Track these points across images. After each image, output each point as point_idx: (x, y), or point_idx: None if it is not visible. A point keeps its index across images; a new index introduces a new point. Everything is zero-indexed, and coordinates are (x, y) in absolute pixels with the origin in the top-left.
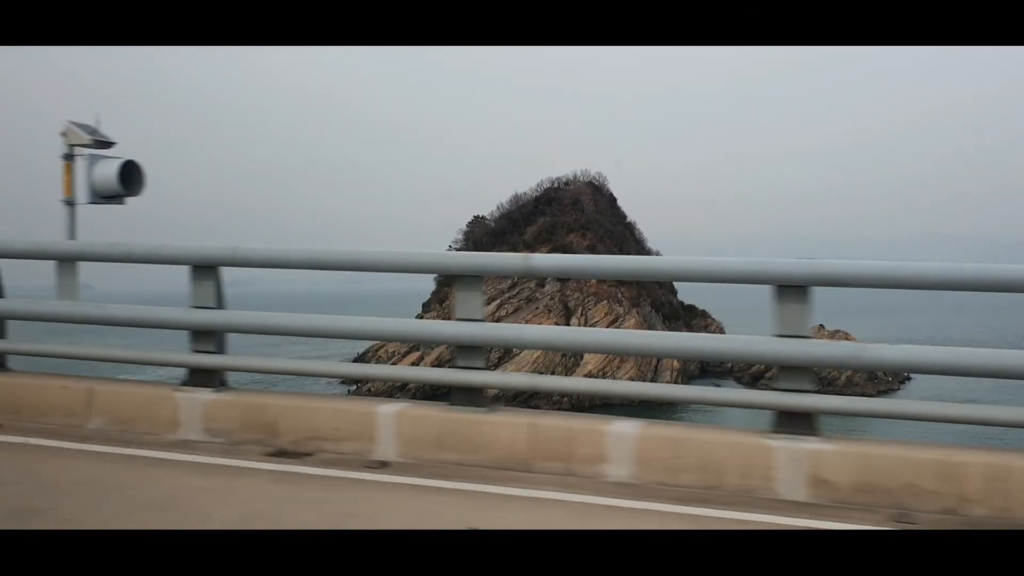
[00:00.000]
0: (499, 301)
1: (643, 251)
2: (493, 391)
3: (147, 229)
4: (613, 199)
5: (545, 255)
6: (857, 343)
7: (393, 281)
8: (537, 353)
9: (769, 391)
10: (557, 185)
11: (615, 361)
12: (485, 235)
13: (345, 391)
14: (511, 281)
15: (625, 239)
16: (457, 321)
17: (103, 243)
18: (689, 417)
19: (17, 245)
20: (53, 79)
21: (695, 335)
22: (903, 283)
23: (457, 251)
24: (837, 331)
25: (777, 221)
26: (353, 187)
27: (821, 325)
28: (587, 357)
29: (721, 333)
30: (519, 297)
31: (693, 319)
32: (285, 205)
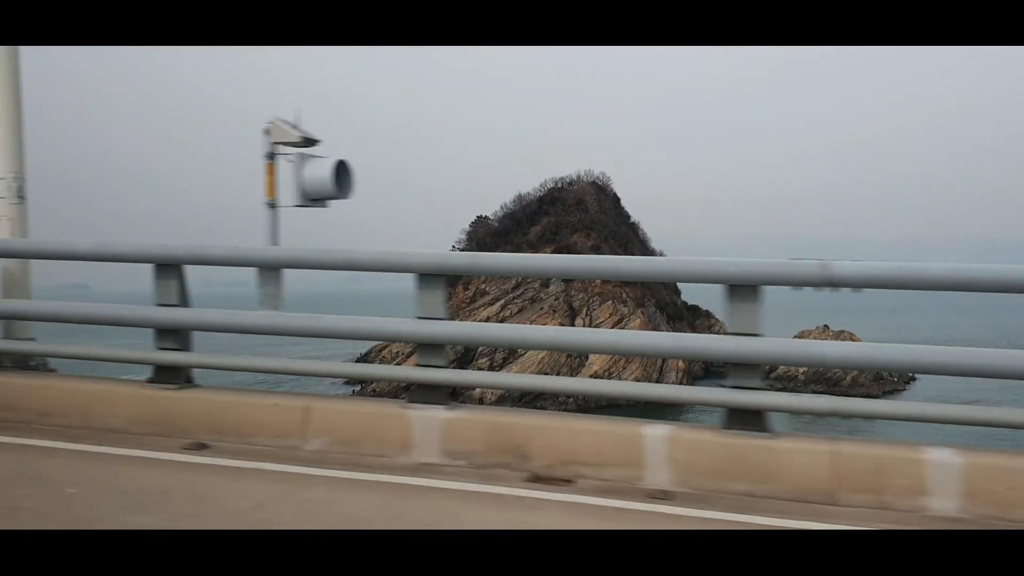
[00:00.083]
0: (503, 302)
1: (647, 252)
2: (778, 412)
3: (148, 229)
4: (617, 199)
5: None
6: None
7: (394, 281)
8: (543, 353)
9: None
10: (561, 185)
11: (621, 362)
12: (488, 235)
13: (349, 391)
14: (515, 281)
15: (629, 239)
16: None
17: (317, 248)
18: (695, 418)
19: (217, 251)
20: (53, 79)
21: (698, 336)
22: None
23: (459, 251)
24: (842, 331)
25: (777, 221)
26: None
27: (826, 325)
28: (592, 357)
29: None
30: (523, 297)
31: (696, 319)
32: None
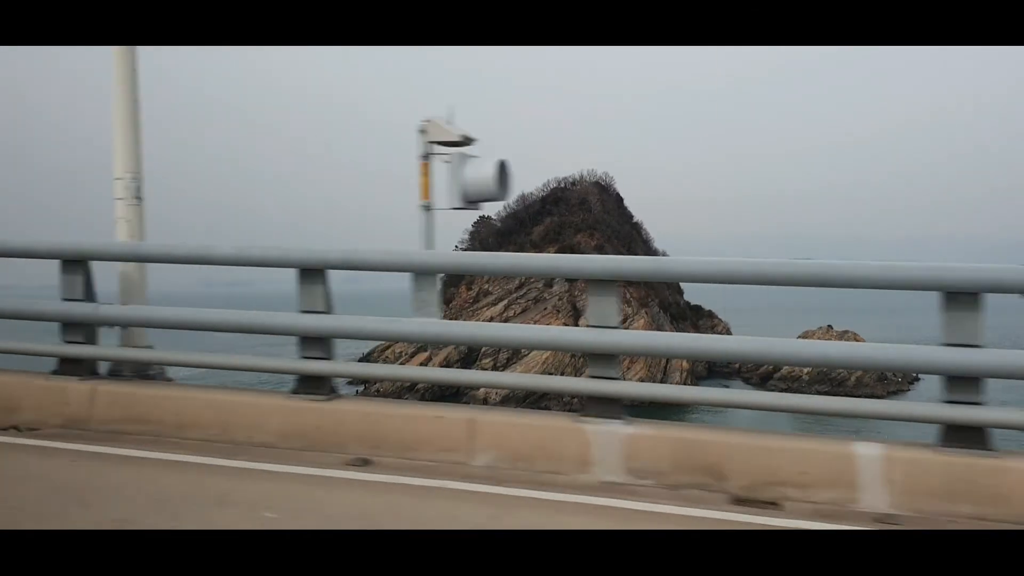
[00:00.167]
0: (507, 301)
1: (650, 251)
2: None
3: (147, 229)
4: (620, 199)
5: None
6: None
7: (395, 281)
8: (547, 353)
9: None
10: (564, 185)
11: (626, 361)
12: (491, 235)
13: (353, 392)
14: (519, 281)
15: (632, 239)
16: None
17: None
18: (699, 418)
19: (372, 256)
20: (53, 79)
21: (702, 336)
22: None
23: (464, 251)
24: (846, 331)
25: (777, 221)
26: (354, 187)
27: (830, 326)
28: None
29: (727, 334)
30: (527, 297)
31: (700, 319)
32: (285, 205)
